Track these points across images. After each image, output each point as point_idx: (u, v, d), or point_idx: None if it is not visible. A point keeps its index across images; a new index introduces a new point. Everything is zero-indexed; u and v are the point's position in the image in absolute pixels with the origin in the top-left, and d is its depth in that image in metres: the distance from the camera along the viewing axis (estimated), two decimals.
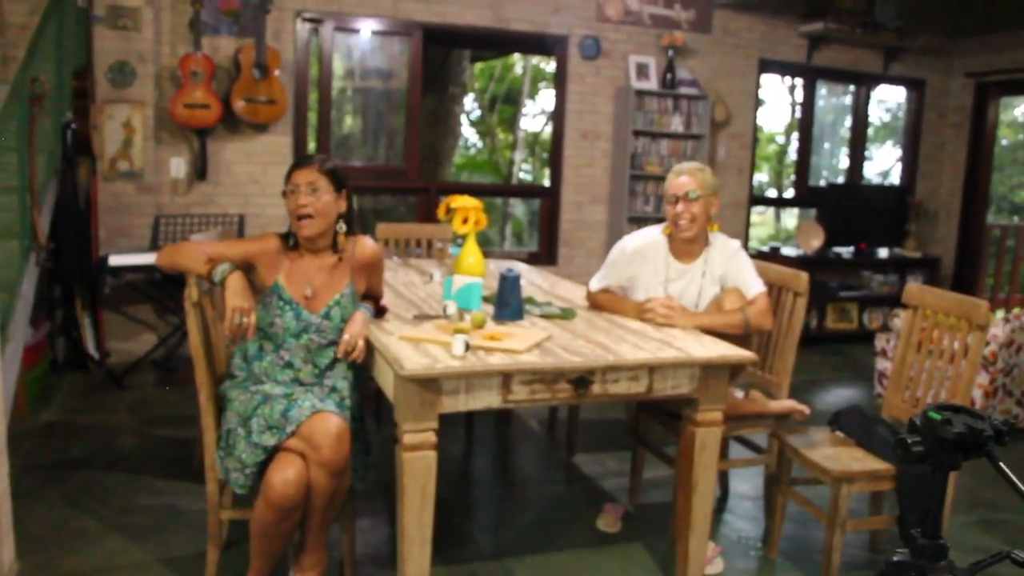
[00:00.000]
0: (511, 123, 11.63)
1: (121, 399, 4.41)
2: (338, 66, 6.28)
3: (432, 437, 2.18)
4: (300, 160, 2.51)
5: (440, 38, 5.88)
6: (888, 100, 10.00)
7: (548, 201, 6.28)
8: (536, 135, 11.65)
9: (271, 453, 2.24)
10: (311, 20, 5.42)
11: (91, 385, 4.64)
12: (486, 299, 2.97)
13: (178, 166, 5.14)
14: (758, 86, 6.71)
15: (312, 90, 5.64)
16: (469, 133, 11.84)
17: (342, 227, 2.52)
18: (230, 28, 5.14)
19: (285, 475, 2.17)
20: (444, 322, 2.58)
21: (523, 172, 11.67)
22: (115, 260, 4.54)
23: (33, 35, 4.13)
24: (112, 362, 4.95)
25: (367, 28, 5.64)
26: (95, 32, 4.86)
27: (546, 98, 11.48)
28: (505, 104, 11.64)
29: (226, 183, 5.26)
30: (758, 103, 6.79)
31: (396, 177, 5.99)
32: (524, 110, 11.45)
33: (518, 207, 11.01)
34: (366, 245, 2.59)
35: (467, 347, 2.23)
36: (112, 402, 4.35)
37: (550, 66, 9.11)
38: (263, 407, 2.28)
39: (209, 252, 2.41)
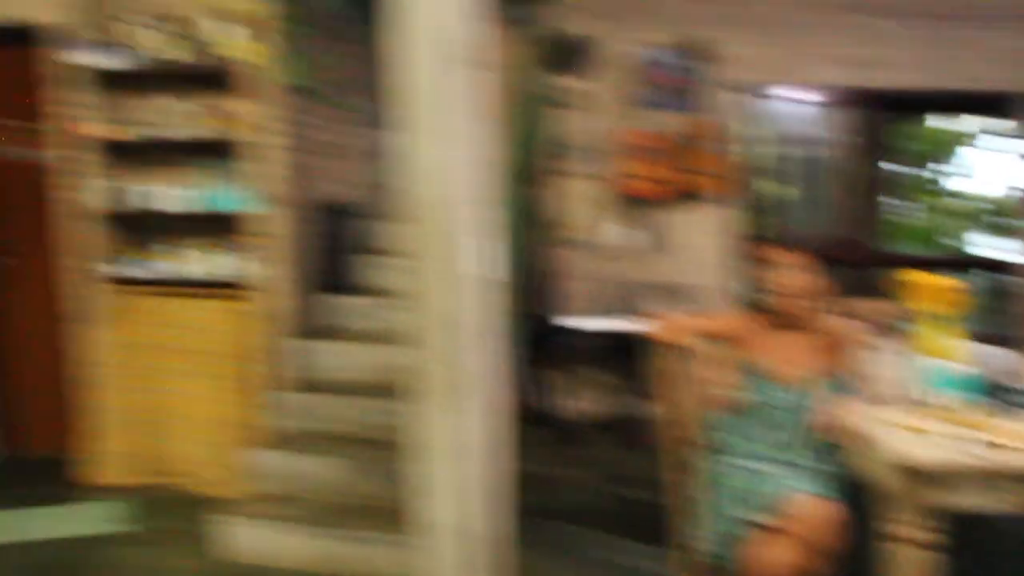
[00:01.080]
0: (938, 188, 10.61)
1: (580, 455, 4.75)
2: (777, 135, 6.30)
3: (930, 535, 2.05)
4: (779, 238, 2.56)
5: (880, 103, 5.65)
6: None
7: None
8: (972, 201, 10.46)
9: (744, 528, 2.26)
10: (752, 92, 5.51)
11: (551, 440, 5.02)
12: (967, 386, 2.70)
13: (630, 236, 5.53)
14: None
15: (755, 161, 5.71)
16: (902, 200, 10.98)
17: (817, 306, 2.51)
18: (674, 103, 5.45)
19: (776, 554, 2.18)
20: (937, 410, 2.40)
21: (967, 242, 10.48)
22: (572, 323, 5.04)
23: (507, 120, 4.77)
24: (570, 419, 5.28)
25: (805, 96, 5.62)
26: (551, 113, 5.36)
27: (963, 160, 10.39)
28: (926, 168, 10.67)
29: (678, 254, 5.44)
30: None
31: (845, 250, 5.76)
32: (948, 172, 10.42)
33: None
34: (841, 324, 2.54)
35: (986, 445, 2.06)
36: (572, 457, 4.71)
37: (962, 126, 8.21)
38: (738, 480, 2.32)
39: (690, 325, 2.55)
